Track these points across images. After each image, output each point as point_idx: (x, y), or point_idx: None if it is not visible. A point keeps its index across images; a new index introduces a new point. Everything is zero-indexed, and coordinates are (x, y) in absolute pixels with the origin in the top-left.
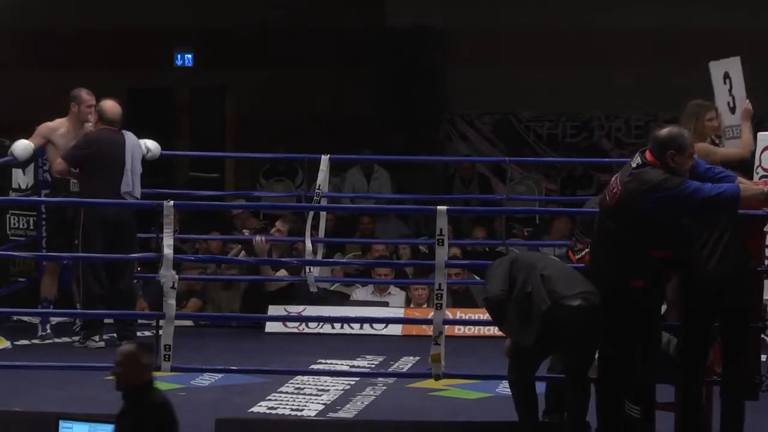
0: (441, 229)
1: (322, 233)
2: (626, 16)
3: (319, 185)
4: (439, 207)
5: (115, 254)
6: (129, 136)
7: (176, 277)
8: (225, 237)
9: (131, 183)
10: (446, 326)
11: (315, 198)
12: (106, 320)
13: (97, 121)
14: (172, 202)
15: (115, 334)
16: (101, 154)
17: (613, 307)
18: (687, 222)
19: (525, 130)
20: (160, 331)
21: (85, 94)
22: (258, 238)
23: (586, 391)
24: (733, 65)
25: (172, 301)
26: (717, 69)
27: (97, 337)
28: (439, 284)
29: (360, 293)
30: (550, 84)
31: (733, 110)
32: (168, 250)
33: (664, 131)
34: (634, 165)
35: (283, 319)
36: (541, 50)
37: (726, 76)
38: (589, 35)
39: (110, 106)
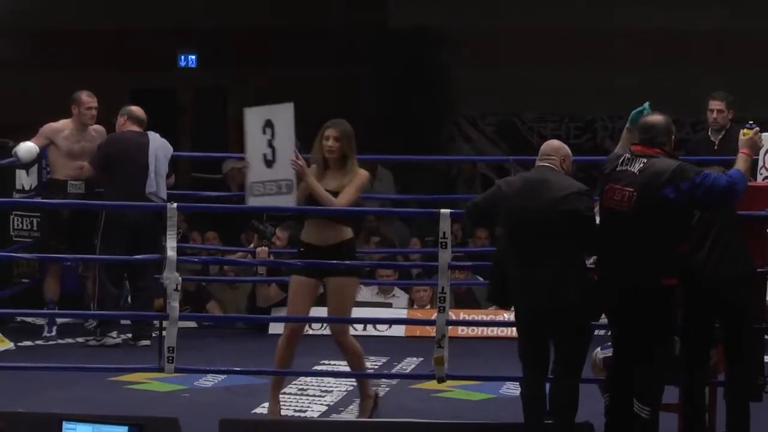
0: (444, 233)
1: None
2: (630, 17)
3: None
4: (442, 210)
5: (129, 256)
6: (154, 138)
7: (179, 279)
8: (229, 248)
9: (155, 184)
10: (449, 327)
11: None
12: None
13: (125, 123)
14: (175, 205)
15: (129, 335)
16: (123, 154)
17: (641, 307)
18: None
19: (528, 131)
20: (164, 332)
21: (85, 97)
22: (260, 249)
23: (575, 388)
24: (282, 113)
25: (176, 303)
26: (255, 117)
27: (114, 333)
28: (442, 287)
29: (363, 294)
30: (554, 85)
31: (269, 164)
32: (171, 252)
33: (662, 119)
34: (639, 166)
35: (287, 320)
36: (545, 51)
37: (268, 125)
38: (592, 36)
39: (137, 108)
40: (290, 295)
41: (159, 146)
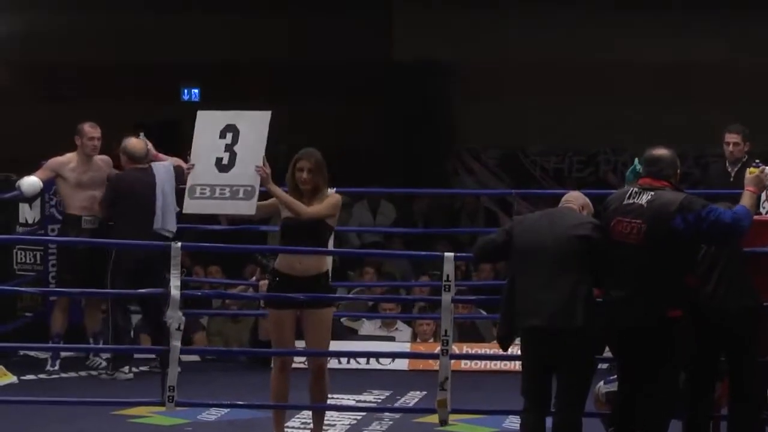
0: (448, 275)
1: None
2: (633, 50)
3: None
4: (446, 254)
5: (136, 289)
6: (158, 172)
7: (183, 318)
8: (231, 281)
9: (161, 219)
10: (452, 361)
11: None
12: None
13: (127, 161)
14: (179, 244)
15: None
16: (130, 194)
17: (646, 338)
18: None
19: (531, 164)
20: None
21: (87, 128)
22: (262, 282)
23: (578, 422)
24: (253, 120)
25: (177, 343)
26: (211, 120)
27: (126, 368)
28: (446, 330)
29: (367, 328)
30: (557, 118)
31: (225, 168)
32: (175, 291)
33: (667, 153)
34: (647, 198)
35: (289, 353)
36: (547, 83)
37: (229, 129)
38: (595, 69)
39: (134, 143)
40: (273, 329)
41: (164, 179)
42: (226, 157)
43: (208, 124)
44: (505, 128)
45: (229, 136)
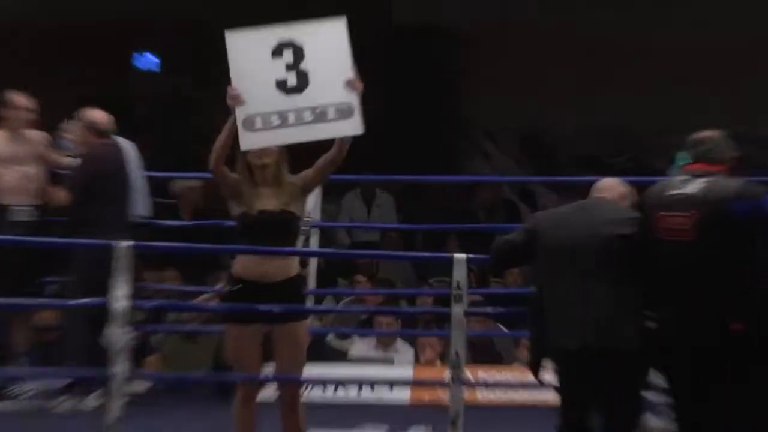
0: (458, 282)
1: (312, 273)
2: (669, 32)
3: (309, 213)
4: (456, 255)
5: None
6: (126, 148)
7: (128, 337)
8: (192, 289)
9: (140, 204)
10: (466, 390)
11: (303, 228)
12: None
13: (92, 136)
14: (126, 244)
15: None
16: (104, 174)
17: (709, 360)
18: None
19: (558, 147)
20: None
21: (16, 98)
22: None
23: None
24: (323, 31)
25: (121, 368)
26: (252, 40)
27: (98, 393)
28: (456, 351)
29: (359, 348)
30: (588, 93)
31: (294, 90)
32: (119, 303)
33: (715, 134)
34: (700, 186)
35: (259, 380)
36: (577, 52)
37: (286, 46)
38: (628, 36)
39: (97, 114)
40: (234, 350)
41: (132, 155)
42: (291, 77)
43: (246, 46)
44: (526, 104)
45: (288, 53)
